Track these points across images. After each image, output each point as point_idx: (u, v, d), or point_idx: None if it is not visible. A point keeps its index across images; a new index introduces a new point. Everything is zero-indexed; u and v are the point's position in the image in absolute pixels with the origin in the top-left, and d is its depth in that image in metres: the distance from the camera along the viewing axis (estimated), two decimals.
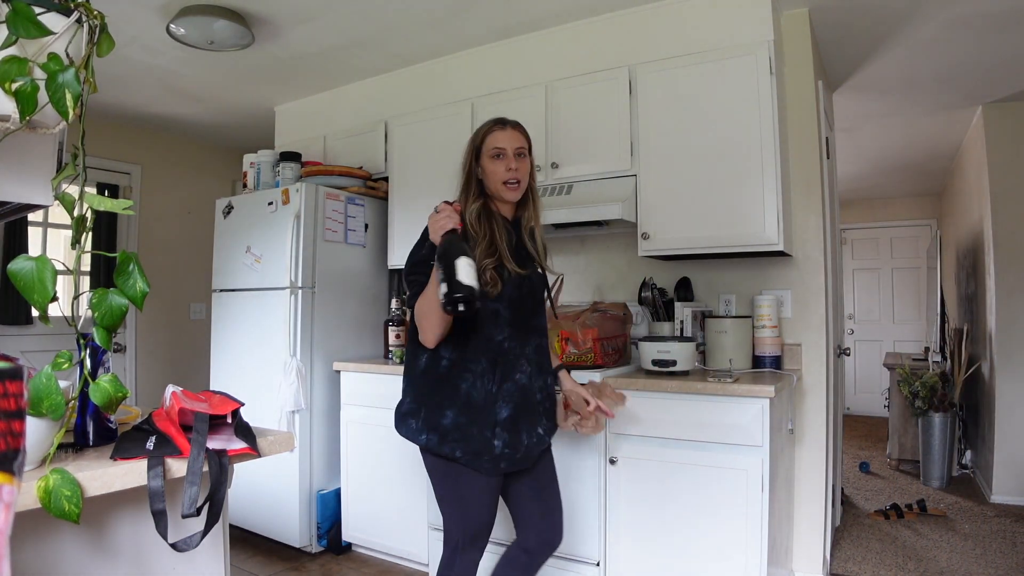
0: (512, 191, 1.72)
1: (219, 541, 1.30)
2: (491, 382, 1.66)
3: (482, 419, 1.64)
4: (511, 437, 1.67)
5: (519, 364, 1.70)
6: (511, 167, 1.70)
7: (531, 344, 1.74)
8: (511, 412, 1.67)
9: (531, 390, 1.72)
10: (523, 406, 1.69)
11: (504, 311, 1.68)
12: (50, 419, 0.92)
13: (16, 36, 0.94)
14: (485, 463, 1.65)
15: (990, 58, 3.22)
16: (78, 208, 1.01)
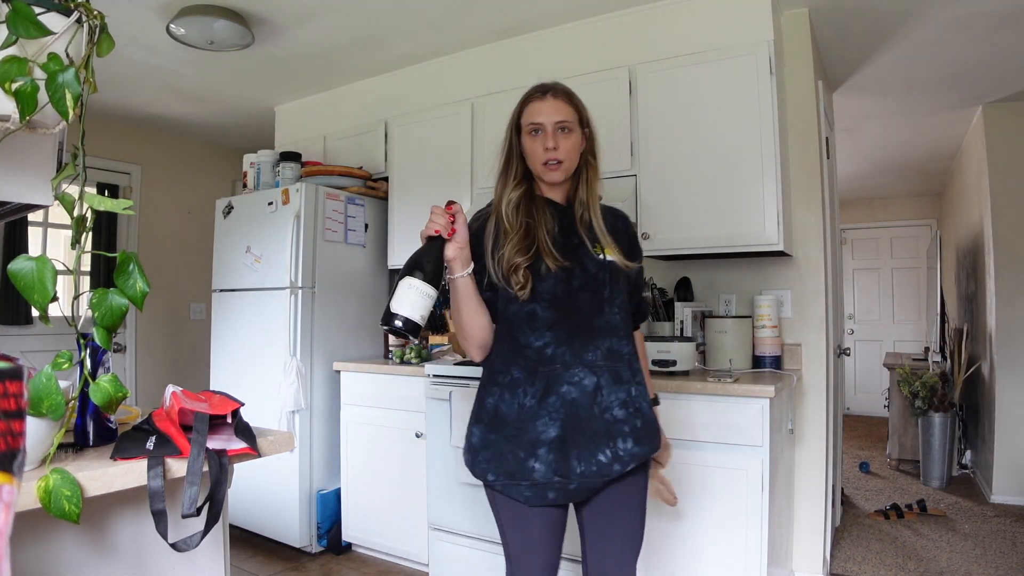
0: (552, 172, 1.43)
1: (219, 541, 1.30)
2: (528, 395, 1.38)
3: (517, 438, 1.37)
4: (560, 462, 1.35)
5: (571, 374, 1.37)
6: (549, 145, 1.41)
7: (594, 349, 1.40)
8: (560, 432, 1.35)
9: (593, 405, 1.37)
10: (576, 425, 1.36)
11: (544, 312, 1.39)
12: (50, 419, 0.92)
13: (16, 36, 0.94)
14: (524, 491, 1.37)
15: (990, 58, 3.22)
16: (78, 208, 1.01)
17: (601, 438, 1.37)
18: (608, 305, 1.42)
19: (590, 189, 1.49)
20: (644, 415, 1.42)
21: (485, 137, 3.05)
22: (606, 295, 1.42)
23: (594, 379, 1.38)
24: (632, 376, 1.43)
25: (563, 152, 1.43)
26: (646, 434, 1.43)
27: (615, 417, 1.38)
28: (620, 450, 1.38)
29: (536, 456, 1.36)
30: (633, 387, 1.43)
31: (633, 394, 1.42)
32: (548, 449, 1.36)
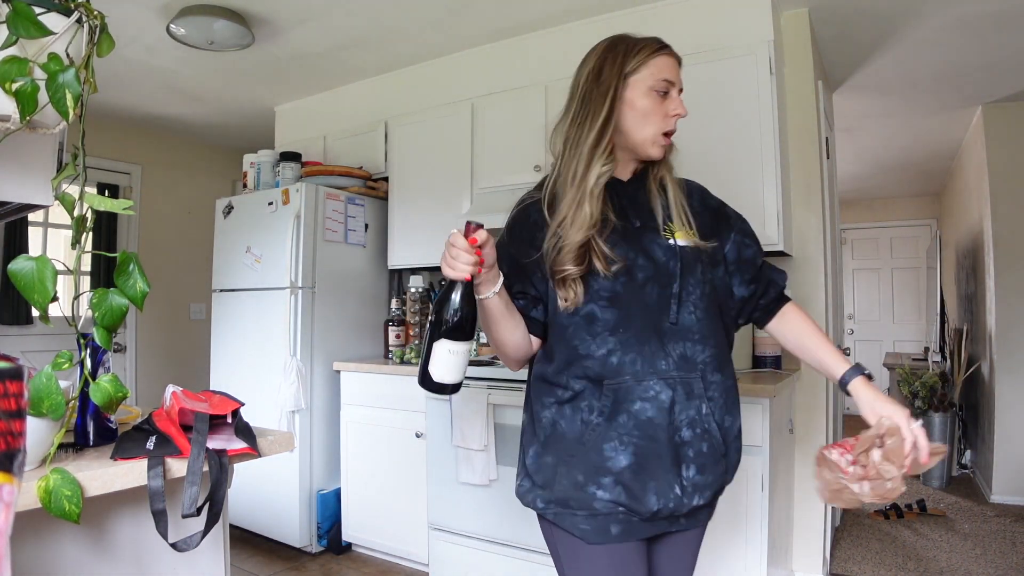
0: (663, 150, 1.19)
1: (219, 541, 1.30)
2: (594, 411, 1.13)
3: (578, 461, 1.13)
4: (632, 493, 1.11)
5: (644, 387, 1.11)
6: (679, 111, 1.17)
7: (665, 356, 1.13)
8: (633, 459, 1.11)
9: (669, 426, 1.12)
10: (652, 450, 1.11)
11: (603, 313, 1.13)
12: (50, 419, 0.93)
13: (16, 36, 0.94)
14: (580, 523, 1.13)
15: (990, 58, 3.22)
16: (78, 208, 1.01)
17: (675, 464, 1.13)
18: (680, 302, 1.15)
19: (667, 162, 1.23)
20: (713, 438, 1.15)
21: (485, 137, 3.05)
22: (675, 290, 1.15)
23: (670, 393, 1.12)
24: (705, 389, 1.15)
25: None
26: (712, 461, 1.15)
27: (682, 439, 1.13)
28: (687, 480, 1.13)
29: (598, 484, 1.11)
30: (704, 403, 1.15)
31: (703, 412, 1.14)
32: (616, 480, 1.11)
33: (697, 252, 1.19)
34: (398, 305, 3.24)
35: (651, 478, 1.11)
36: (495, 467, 2.46)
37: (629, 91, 1.15)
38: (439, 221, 3.14)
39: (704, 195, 1.31)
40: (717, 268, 1.24)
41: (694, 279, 1.17)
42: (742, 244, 1.28)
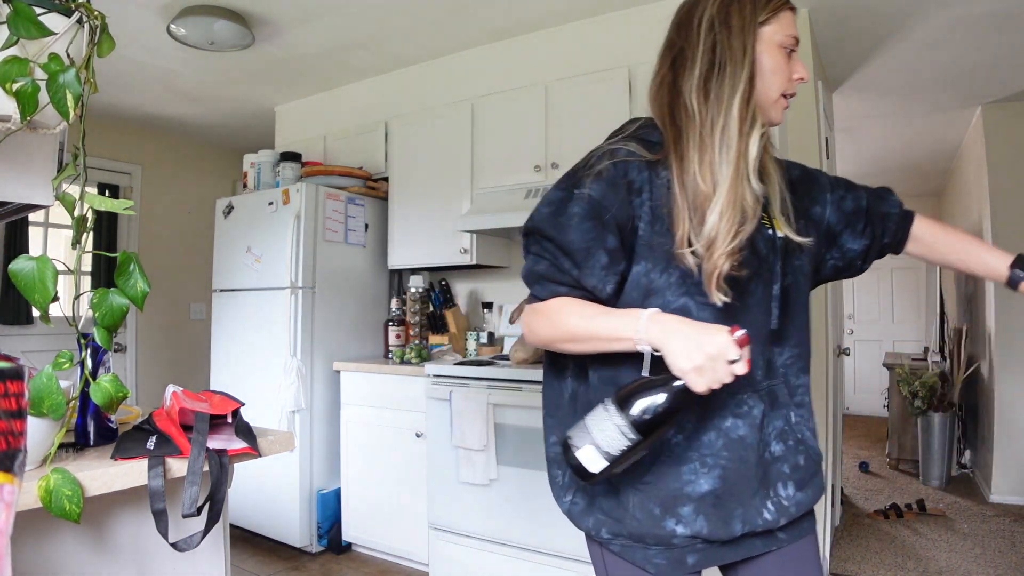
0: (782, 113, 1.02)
1: (219, 541, 1.30)
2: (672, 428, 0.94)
3: (653, 488, 0.97)
4: (714, 521, 0.95)
5: (737, 401, 0.96)
6: (803, 74, 1.01)
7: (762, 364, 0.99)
8: (720, 484, 0.95)
9: (760, 444, 0.97)
10: (742, 473, 0.95)
11: (700, 312, 0.94)
12: (51, 419, 0.93)
13: (17, 36, 0.94)
14: (654, 557, 0.97)
15: (990, 58, 3.22)
16: (79, 208, 1.01)
17: (763, 485, 0.97)
18: (776, 302, 1.00)
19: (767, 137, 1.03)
20: (809, 449, 1.02)
21: (485, 137, 3.05)
22: (775, 291, 0.99)
23: (762, 406, 0.97)
24: (791, 396, 1.01)
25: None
26: (810, 475, 1.02)
27: (773, 454, 0.98)
28: (783, 499, 0.98)
29: (677, 516, 0.95)
30: (793, 411, 1.01)
31: (794, 421, 1.00)
32: (696, 508, 0.95)
33: (791, 244, 1.02)
34: (398, 305, 3.24)
35: (738, 504, 0.95)
36: (495, 467, 2.46)
37: (760, 44, 0.97)
38: (439, 221, 3.14)
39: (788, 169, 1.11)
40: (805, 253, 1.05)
41: (788, 278, 1.03)
42: (840, 200, 1.12)
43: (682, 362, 0.84)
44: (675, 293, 0.93)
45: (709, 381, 0.84)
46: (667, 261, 0.93)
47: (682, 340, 0.85)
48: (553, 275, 0.97)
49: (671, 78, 1.01)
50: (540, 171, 2.84)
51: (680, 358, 0.85)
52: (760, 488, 0.97)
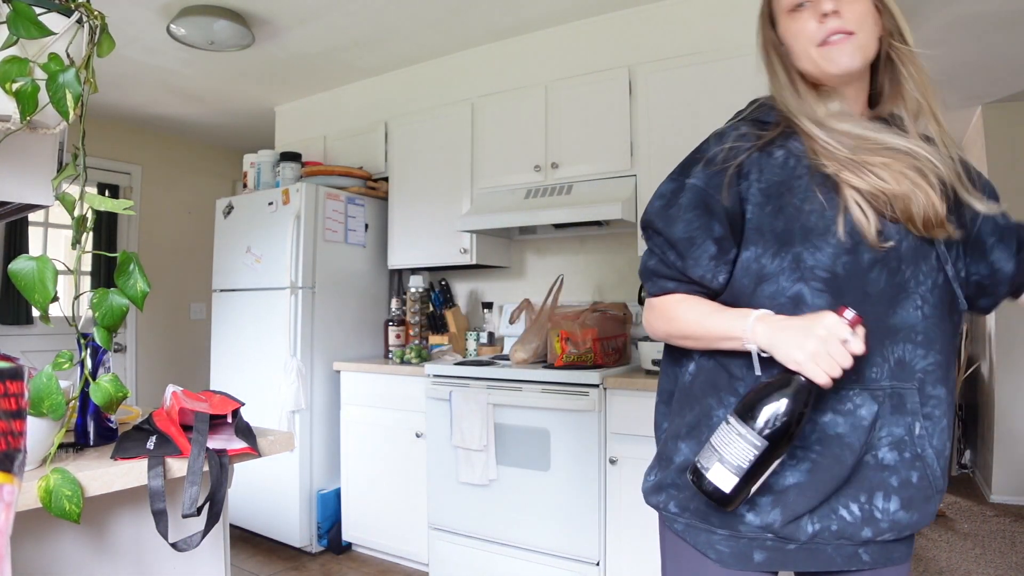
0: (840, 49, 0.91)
1: (219, 541, 1.30)
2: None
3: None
4: (790, 518, 0.89)
5: (843, 397, 0.88)
6: (826, 9, 0.91)
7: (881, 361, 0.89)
8: (806, 478, 0.88)
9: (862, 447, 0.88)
10: (832, 473, 0.88)
11: (815, 298, 0.88)
12: (51, 419, 0.93)
13: (17, 36, 0.94)
14: (718, 543, 0.93)
15: (990, 58, 3.22)
16: (78, 208, 1.01)
17: (851, 487, 0.89)
18: (909, 293, 0.89)
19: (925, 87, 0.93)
20: (928, 467, 0.90)
21: (485, 137, 3.05)
22: (907, 277, 0.89)
23: (874, 408, 0.88)
24: (922, 405, 0.89)
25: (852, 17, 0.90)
26: (923, 497, 0.90)
27: (880, 461, 0.88)
28: (876, 509, 0.88)
29: (753, 502, 0.89)
30: (919, 422, 0.89)
31: (917, 432, 0.89)
32: (775, 500, 0.89)
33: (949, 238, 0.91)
34: (398, 305, 3.24)
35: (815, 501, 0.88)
36: (495, 467, 2.46)
37: (779, 25, 1.03)
38: (439, 221, 3.15)
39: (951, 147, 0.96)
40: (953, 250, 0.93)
41: (928, 265, 0.90)
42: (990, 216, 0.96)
43: (795, 353, 0.82)
44: (789, 279, 0.88)
45: (827, 367, 0.81)
46: (779, 244, 0.89)
47: (791, 332, 0.83)
48: (661, 270, 0.97)
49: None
50: (540, 171, 2.84)
51: (792, 349, 0.83)
52: (849, 490, 0.89)
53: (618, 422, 2.28)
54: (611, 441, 2.31)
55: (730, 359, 0.94)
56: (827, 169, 0.90)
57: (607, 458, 2.30)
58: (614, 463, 2.29)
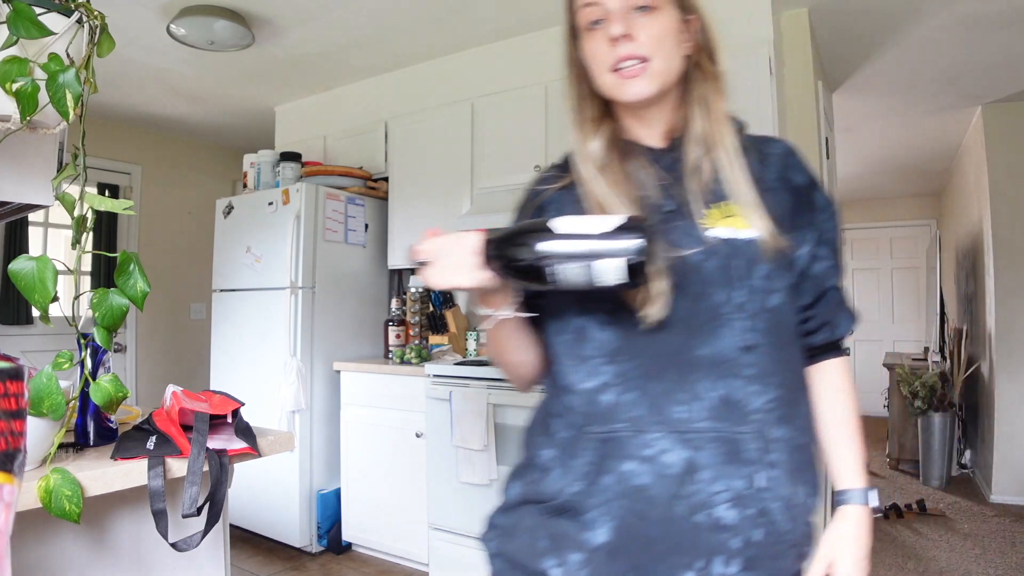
0: (631, 79, 0.83)
1: (219, 541, 1.30)
2: (569, 473, 0.81)
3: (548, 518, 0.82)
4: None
5: (640, 441, 0.78)
6: (615, 33, 0.82)
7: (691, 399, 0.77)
8: (612, 538, 0.78)
9: (675, 500, 0.77)
10: (639, 532, 0.77)
11: (600, 332, 0.82)
12: (51, 419, 0.93)
13: (17, 36, 0.94)
14: None
15: (990, 58, 3.22)
16: (78, 208, 1.01)
17: (682, 553, 0.77)
18: (728, 320, 0.79)
19: (712, 112, 0.87)
20: (773, 524, 0.78)
21: (485, 137, 3.05)
22: (722, 301, 0.79)
23: (685, 454, 0.77)
24: (764, 452, 0.77)
25: (647, 41, 0.82)
26: (771, 556, 0.79)
27: (717, 521, 0.76)
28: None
29: (563, 559, 0.80)
30: (764, 472, 0.77)
31: (761, 485, 0.77)
32: (586, 560, 0.79)
33: (755, 248, 0.81)
34: (398, 305, 3.24)
35: (631, 568, 0.78)
36: (495, 467, 2.46)
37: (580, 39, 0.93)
38: (439, 221, 3.14)
39: (787, 165, 0.90)
40: (787, 272, 0.84)
41: (749, 287, 0.80)
42: (814, 256, 0.88)
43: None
44: (574, 311, 0.83)
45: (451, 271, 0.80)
46: None
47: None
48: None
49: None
50: (540, 171, 2.84)
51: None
52: (676, 554, 0.77)
53: None
54: None
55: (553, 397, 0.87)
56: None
57: None
58: None
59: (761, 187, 0.84)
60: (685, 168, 0.85)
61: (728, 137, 0.85)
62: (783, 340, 0.82)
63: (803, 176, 0.90)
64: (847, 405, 0.90)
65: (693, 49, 0.87)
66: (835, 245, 0.91)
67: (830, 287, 0.90)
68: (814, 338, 0.90)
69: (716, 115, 0.87)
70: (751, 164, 0.86)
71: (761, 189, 0.84)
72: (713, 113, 0.87)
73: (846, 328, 0.91)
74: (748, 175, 0.83)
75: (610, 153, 0.87)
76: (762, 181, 0.85)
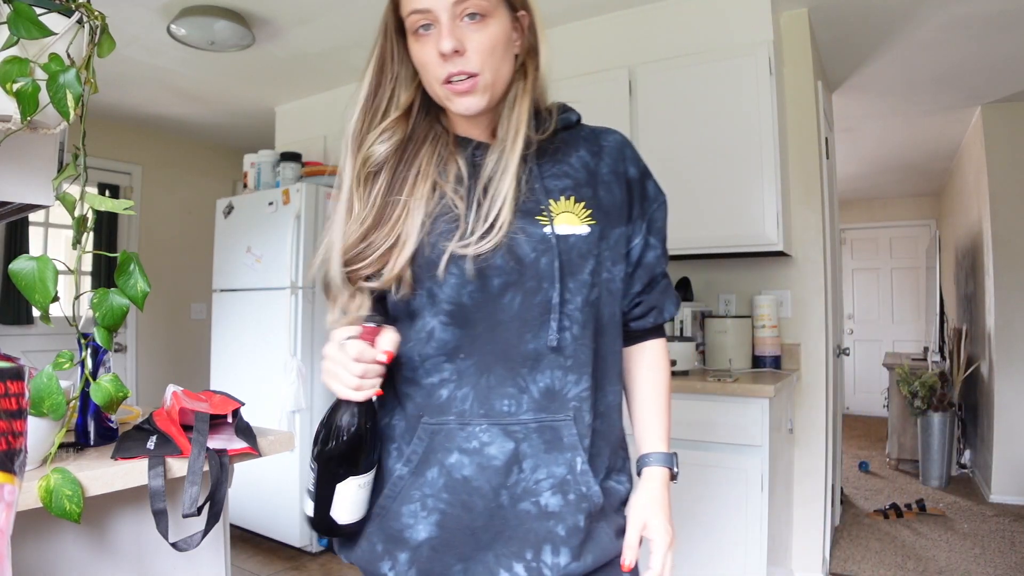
0: (464, 96, 0.82)
1: (220, 541, 1.30)
2: (400, 458, 0.83)
3: (382, 519, 0.83)
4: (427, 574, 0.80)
5: (467, 435, 0.80)
6: (445, 50, 0.79)
7: (516, 393, 0.80)
8: (435, 533, 0.80)
9: (501, 490, 0.79)
10: (466, 524, 0.79)
11: (443, 332, 0.82)
12: (51, 419, 0.93)
13: (17, 37, 0.94)
14: None
15: (990, 58, 3.22)
16: (79, 208, 1.01)
17: (510, 542, 0.79)
18: (554, 314, 0.81)
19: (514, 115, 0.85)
20: (593, 506, 0.81)
21: None
22: (552, 297, 0.81)
23: (509, 445, 0.79)
24: (581, 438, 0.81)
25: (476, 56, 0.81)
26: (593, 540, 0.81)
27: (542, 508, 0.79)
28: (545, 567, 0.78)
29: (393, 560, 0.81)
30: (580, 456, 0.81)
31: (579, 470, 0.80)
32: (411, 558, 0.80)
33: (588, 244, 0.83)
34: None
35: (458, 559, 0.79)
36: None
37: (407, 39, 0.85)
38: None
39: (620, 157, 0.93)
40: (617, 265, 0.88)
41: (577, 282, 0.82)
42: (647, 244, 0.92)
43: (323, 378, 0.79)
44: (431, 313, 0.83)
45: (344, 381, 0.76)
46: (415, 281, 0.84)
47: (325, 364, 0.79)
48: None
49: None
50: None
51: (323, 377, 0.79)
52: (502, 543, 0.79)
53: None
54: None
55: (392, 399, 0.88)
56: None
57: None
58: None
59: (594, 180, 0.88)
60: (481, 173, 0.85)
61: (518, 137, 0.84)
62: (600, 330, 0.86)
63: (636, 168, 0.94)
64: (661, 381, 0.95)
65: (522, 48, 0.88)
66: (664, 234, 0.95)
67: (659, 274, 0.94)
68: (643, 322, 0.94)
69: (519, 113, 0.86)
70: (582, 157, 0.89)
71: (594, 182, 0.88)
72: (514, 115, 0.86)
73: (670, 313, 0.97)
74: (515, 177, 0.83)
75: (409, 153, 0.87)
76: (596, 174, 0.88)
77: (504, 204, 0.81)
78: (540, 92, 0.91)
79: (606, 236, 0.86)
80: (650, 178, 0.96)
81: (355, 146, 0.86)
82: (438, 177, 0.85)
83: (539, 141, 0.86)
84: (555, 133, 0.89)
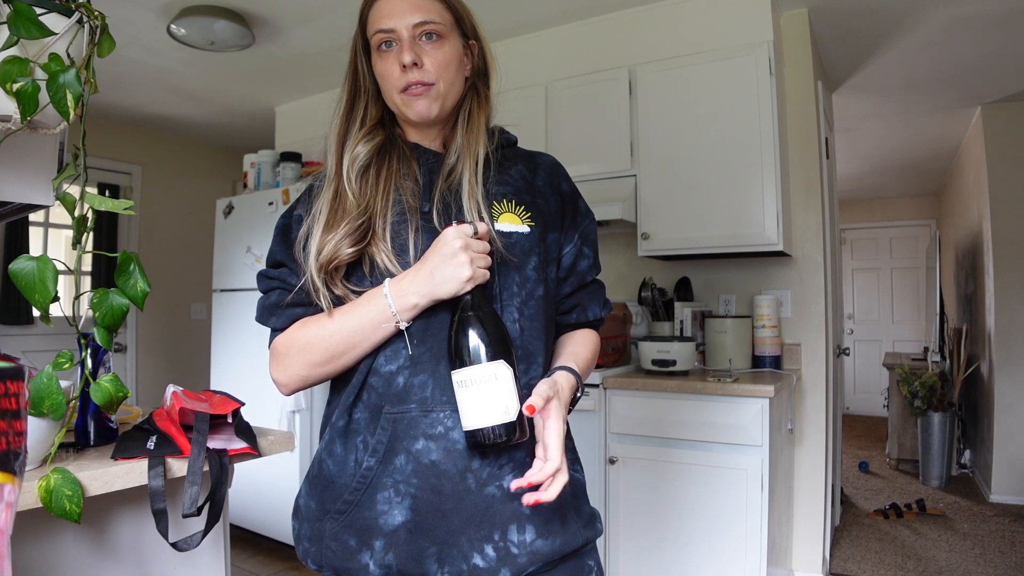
0: (417, 100, 0.92)
1: (220, 541, 1.30)
2: (368, 450, 0.87)
3: (346, 515, 0.88)
4: (404, 557, 0.85)
5: (431, 421, 0.85)
6: (406, 61, 0.90)
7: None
8: (409, 517, 0.84)
9: (466, 473, 0.85)
10: (436, 507, 0.84)
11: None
12: (51, 419, 0.93)
13: (17, 37, 0.94)
14: None
15: (990, 58, 3.22)
16: (79, 208, 1.01)
17: (480, 525, 0.84)
18: (505, 306, 0.90)
19: (472, 126, 0.97)
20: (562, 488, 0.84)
21: None
22: (502, 289, 0.90)
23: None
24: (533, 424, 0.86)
25: (432, 68, 0.91)
26: (559, 519, 0.88)
27: (506, 491, 0.85)
28: (512, 545, 0.85)
29: (371, 549, 0.85)
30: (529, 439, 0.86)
31: (537, 454, 0.84)
32: (387, 543, 0.85)
33: (530, 242, 0.93)
34: None
35: (431, 542, 0.84)
36: None
37: (371, 56, 0.96)
38: None
39: (555, 173, 1.04)
40: (550, 266, 0.97)
41: (522, 276, 0.92)
42: (580, 253, 1.02)
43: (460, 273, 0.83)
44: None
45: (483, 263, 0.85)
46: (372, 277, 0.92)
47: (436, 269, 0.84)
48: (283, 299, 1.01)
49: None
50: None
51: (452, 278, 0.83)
52: (473, 527, 0.84)
53: (618, 422, 2.28)
54: (611, 441, 2.31)
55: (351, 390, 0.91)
56: None
57: (607, 458, 2.30)
58: (614, 463, 2.29)
59: (532, 190, 0.99)
60: (442, 172, 0.95)
61: (479, 148, 0.95)
62: (544, 324, 0.95)
63: (568, 185, 1.05)
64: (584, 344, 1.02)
65: (472, 72, 1.00)
66: (596, 247, 1.06)
67: (590, 280, 1.05)
68: (568, 317, 1.04)
69: (473, 128, 0.97)
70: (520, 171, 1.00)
71: (532, 191, 0.99)
72: (471, 126, 0.97)
73: (595, 313, 1.05)
74: (480, 181, 0.93)
75: (380, 158, 0.96)
76: (533, 185, 1.00)
77: (462, 203, 0.92)
78: (489, 112, 1.02)
79: (544, 238, 0.96)
80: (580, 197, 1.07)
81: (338, 149, 0.96)
82: (400, 179, 0.95)
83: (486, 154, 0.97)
84: (497, 149, 0.99)
